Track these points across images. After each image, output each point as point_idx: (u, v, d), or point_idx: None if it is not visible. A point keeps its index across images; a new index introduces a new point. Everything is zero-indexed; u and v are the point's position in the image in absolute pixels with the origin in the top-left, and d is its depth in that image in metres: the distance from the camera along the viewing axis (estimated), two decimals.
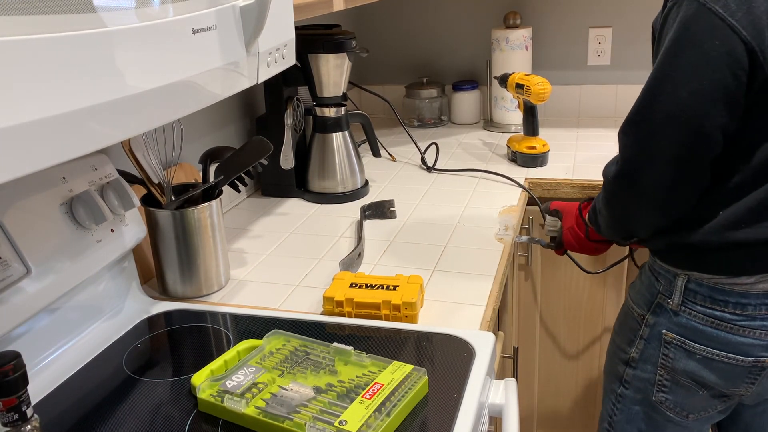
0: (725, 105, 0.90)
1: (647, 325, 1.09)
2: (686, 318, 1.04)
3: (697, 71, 0.90)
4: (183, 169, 1.29)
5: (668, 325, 1.06)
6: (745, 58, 0.88)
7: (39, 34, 0.48)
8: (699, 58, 0.90)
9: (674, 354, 1.06)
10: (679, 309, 1.04)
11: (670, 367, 1.07)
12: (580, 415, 1.80)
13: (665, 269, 1.06)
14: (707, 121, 0.91)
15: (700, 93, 0.90)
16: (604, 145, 1.85)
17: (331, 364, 0.83)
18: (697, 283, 1.02)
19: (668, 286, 1.06)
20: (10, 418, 0.63)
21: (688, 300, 1.03)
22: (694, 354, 1.04)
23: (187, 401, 0.82)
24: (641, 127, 0.97)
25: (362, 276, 1.05)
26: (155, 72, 0.62)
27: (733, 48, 0.88)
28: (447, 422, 0.76)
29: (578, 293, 1.67)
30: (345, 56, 1.47)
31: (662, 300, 1.07)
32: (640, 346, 1.11)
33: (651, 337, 1.09)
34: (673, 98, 0.92)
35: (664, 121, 0.93)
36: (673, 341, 1.06)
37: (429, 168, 1.72)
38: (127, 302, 1.04)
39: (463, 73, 2.25)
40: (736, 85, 0.90)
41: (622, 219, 1.08)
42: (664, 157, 0.95)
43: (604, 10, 2.06)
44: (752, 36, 0.88)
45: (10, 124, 0.47)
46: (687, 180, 0.97)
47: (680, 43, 0.92)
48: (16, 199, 0.84)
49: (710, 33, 0.89)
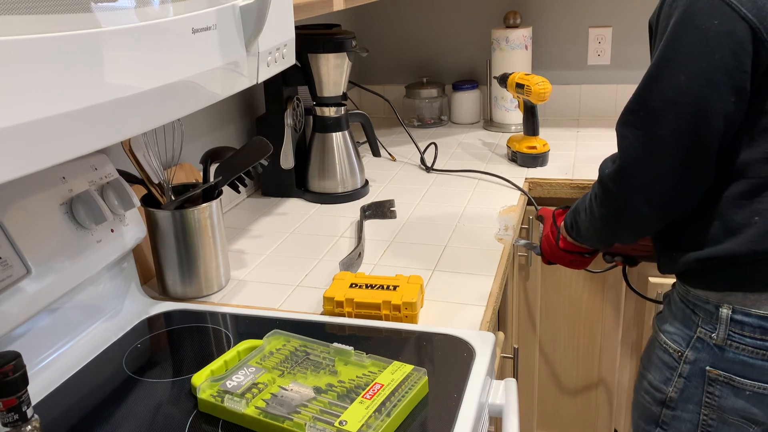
0: (727, 88, 0.85)
1: (687, 362, 0.99)
2: (733, 353, 0.94)
3: (696, 53, 0.85)
4: (183, 169, 1.29)
5: (712, 361, 0.96)
6: (747, 37, 0.83)
7: (39, 34, 0.48)
8: (698, 40, 0.85)
9: (720, 392, 0.97)
10: (724, 343, 0.94)
11: (717, 406, 0.98)
12: (580, 415, 1.80)
13: (702, 299, 0.96)
14: (708, 106, 0.86)
15: (699, 76, 0.85)
16: (604, 145, 1.85)
17: (331, 364, 0.83)
18: (744, 314, 0.92)
19: (709, 319, 0.95)
20: (10, 419, 0.63)
21: (735, 333, 0.93)
22: (743, 390, 0.95)
23: (187, 401, 0.82)
24: (640, 116, 0.91)
25: (362, 276, 1.05)
26: (155, 72, 0.62)
27: (734, 27, 0.83)
28: (447, 422, 0.76)
29: (578, 293, 1.67)
30: (345, 56, 1.47)
31: (703, 335, 0.96)
32: (679, 385, 1.00)
33: (692, 375, 0.98)
34: (672, 83, 0.87)
35: (664, 108, 0.88)
36: (718, 378, 0.96)
37: (428, 168, 1.72)
38: (127, 302, 1.04)
39: (463, 73, 2.25)
40: (738, 67, 0.84)
41: (613, 218, 1.00)
42: (666, 147, 0.89)
43: (604, 10, 2.06)
44: (754, 14, 0.83)
45: (10, 124, 0.47)
46: (690, 173, 0.90)
47: (679, 27, 0.87)
48: (16, 199, 0.84)
49: (709, 13, 0.85)
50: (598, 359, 1.72)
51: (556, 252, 1.20)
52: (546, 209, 1.28)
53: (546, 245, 1.22)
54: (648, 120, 0.90)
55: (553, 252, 1.20)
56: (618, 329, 1.68)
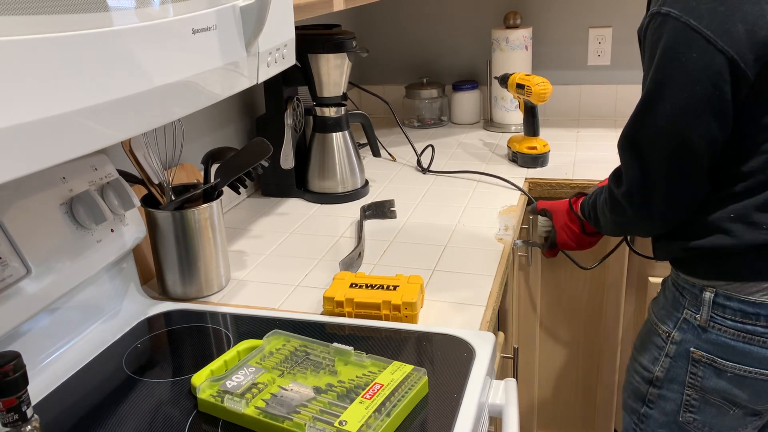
0: (711, 116, 0.91)
1: (673, 342, 1.05)
2: (716, 334, 0.99)
3: (679, 86, 0.92)
4: (185, 170, 1.30)
5: (696, 342, 1.02)
6: (725, 68, 0.89)
7: (39, 34, 0.48)
8: (680, 73, 0.92)
9: (703, 372, 1.02)
10: (707, 325, 1.00)
11: (699, 387, 1.03)
12: (580, 415, 1.80)
13: (690, 283, 1.03)
14: (693, 134, 0.93)
15: (683, 107, 0.92)
16: (604, 145, 1.85)
17: (331, 364, 0.83)
18: (726, 297, 0.98)
19: (694, 301, 1.02)
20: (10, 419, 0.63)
21: (717, 315, 0.99)
22: (724, 372, 1.00)
23: (187, 401, 0.82)
24: (633, 143, 0.99)
25: (362, 276, 1.05)
26: (155, 72, 0.62)
27: (712, 60, 0.89)
28: (447, 422, 0.76)
29: (578, 293, 1.67)
30: (345, 56, 1.47)
31: (689, 316, 1.03)
32: (665, 365, 1.06)
33: (677, 355, 1.05)
34: (660, 113, 0.94)
35: (654, 136, 0.96)
36: (702, 359, 1.01)
37: (424, 170, 1.71)
38: (127, 302, 1.04)
39: (463, 73, 2.25)
40: (719, 96, 0.90)
41: (624, 225, 1.10)
42: (660, 169, 0.97)
43: (604, 10, 2.06)
44: (729, 45, 0.88)
45: (10, 124, 0.47)
46: (684, 192, 0.98)
47: (663, 59, 0.93)
48: (16, 199, 0.84)
49: (689, 46, 0.90)
50: (598, 359, 1.72)
51: (581, 238, 1.26)
52: (545, 202, 1.33)
53: (566, 235, 1.27)
54: (642, 146, 0.98)
55: (577, 239, 1.26)
56: (618, 329, 1.68)
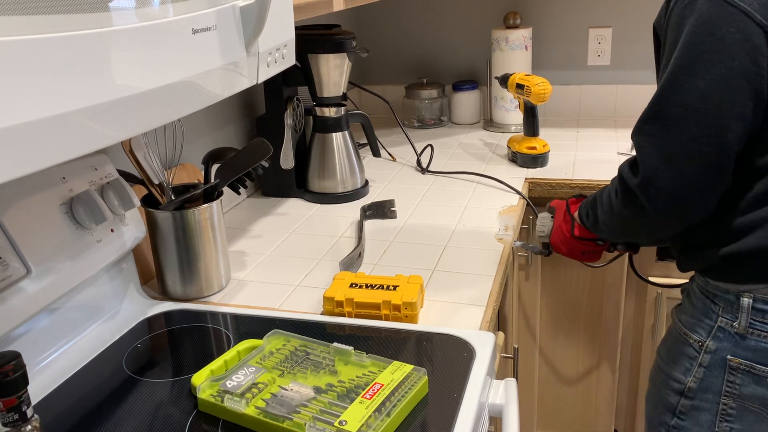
0: (746, 92, 0.87)
1: (707, 351, 1.00)
2: (755, 340, 0.96)
3: (714, 60, 0.87)
4: (186, 170, 1.30)
5: (734, 350, 0.98)
6: (763, 42, 0.85)
7: (39, 34, 0.48)
8: (715, 47, 0.87)
9: (741, 380, 0.99)
10: (746, 331, 0.96)
11: (737, 395, 1.00)
12: (580, 415, 1.80)
13: (722, 290, 0.98)
14: (728, 110, 0.87)
15: (718, 81, 0.87)
16: (604, 145, 1.85)
17: (331, 364, 0.83)
18: (765, 302, 0.94)
19: (730, 308, 0.97)
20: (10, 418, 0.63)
21: (757, 321, 0.95)
22: (764, 378, 0.97)
23: (187, 401, 0.82)
24: (657, 124, 0.92)
25: (362, 276, 1.05)
26: (155, 72, 0.62)
27: (750, 34, 0.85)
28: (447, 422, 0.76)
29: (578, 293, 1.67)
30: (345, 56, 1.47)
31: (724, 324, 0.98)
32: (698, 375, 1.02)
33: (712, 365, 1.00)
34: (690, 90, 0.89)
35: (683, 114, 0.89)
36: (740, 366, 0.98)
37: (423, 170, 1.71)
38: (127, 302, 1.04)
39: (463, 73, 2.25)
40: (757, 72, 0.86)
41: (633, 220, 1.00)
42: (685, 153, 0.90)
43: (604, 10, 2.06)
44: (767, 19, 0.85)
45: (10, 124, 0.47)
46: (710, 178, 0.91)
47: (694, 36, 0.89)
48: (16, 199, 0.84)
49: (724, 21, 0.86)
50: (598, 359, 1.72)
51: (569, 241, 1.20)
52: (558, 201, 1.28)
53: (558, 236, 1.22)
54: (666, 128, 0.91)
55: (566, 242, 1.21)
56: (618, 329, 1.68)
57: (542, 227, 1.29)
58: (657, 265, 1.57)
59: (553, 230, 1.25)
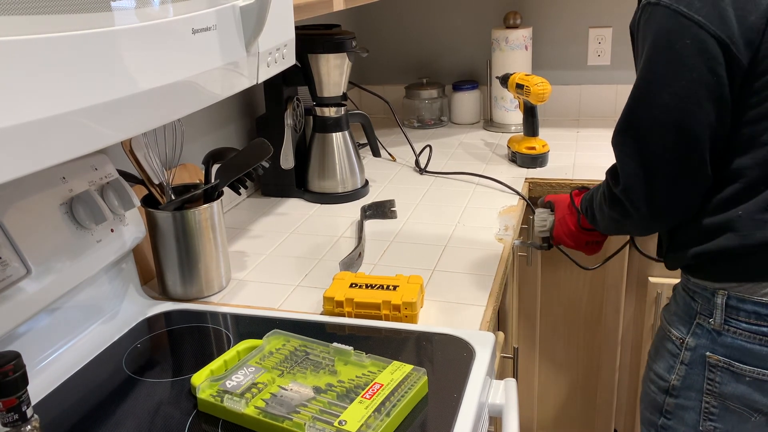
0: (710, 103, 0.89)
1: (687, 348, 1.02)
2: (731, 337, 0.97)
3: (674, 73, 0.90)
4: (187, 170, 1.30)
5: (712, 347, 0.99)
6: (718, 52, 0.87)
7: (38, 35, 0.48)
8: (674, 60, 0.90)
9: (721, 378, 0.99)
10: (722, 328, 0.97)
11: (718, 393, 1.00)
12: (580, 416, 1.80)
13: (701, 287, 1.00)
14: (693, 121, 0.90)
15: (681, 94, 0.90)
16: (604, 145, 1.85)
17: (331, 364, 0.83)
18: (739, 299, 0.96)
19: (707, 305, 0.99)
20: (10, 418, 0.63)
21: (731, 318, 0.96)
22: (742, 376, 0.97)
23: (187, 401, 0.82)
24: (629, 136, 0.96)
25: (362, 276, 1.05)
26: (155, 72, 0.62)
27: (705, 44, 0.87)
28: (447, 422, 0.76)
29: (578, 293, 1.67)
30: (345, 56, 1.47)
31: (702, 320, 1.00)
32: (681, 372, 1.03)
33: (693, 362, 1.01)
34: (656, 103, 0.92)
35: (651, 127, 0.93)
36: (718, 364, 0.99)
37: (421, 170, 1.71)
38: (127, 302, 1.04)
39: (463, 73, 2.26)
40: (717, 81, 0.88)
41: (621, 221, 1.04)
42: (658, 163, 0.94)
43: (604, 10, 2.06)
44: (720, 29, 0.87)
45: (10, 124, 0.47)
46: (685, 184, 0.94)
47: (655, 50, 0.92)
48: (16, 199, 0.84)
49: (680, 33, 0.89)
50: (598, 359, 1.72)
51: (574, 233, 1.22)
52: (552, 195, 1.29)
53: (562, 228, 1.24)
54: (637, 139, 0.96)
55: (570, 234, 1.23)
56: (618, 329, 1.68)
57: (542, 222, 1.29)
58: (657, 264, 1.57)
59: (555, 224, 1.26)
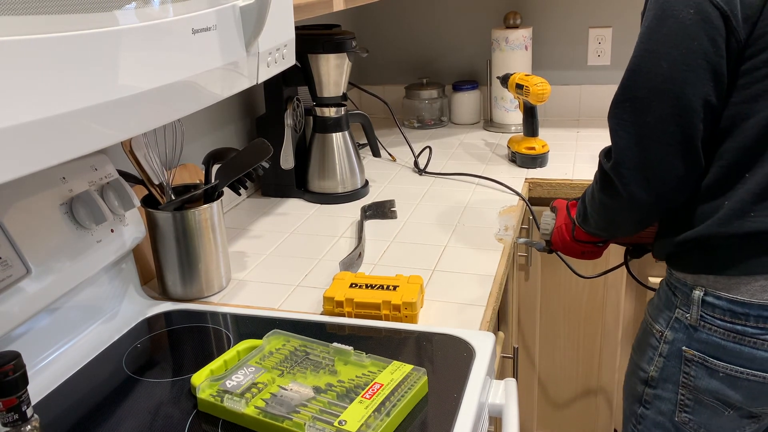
0: (707, 73, 0.89)
1: (666, 341, 1.03)
2: (706, 333, 0.98)
3: (675, 41, 0.90)
4: (187, 170, 1.30)
5: (688, 342, 1.00)
6: (720, 23, 0.88)
7: (38, 35, 0.48)
8: (676, 29, 0.90)
9: (696, 372, 1.00)
10: (698, 324, 0.98)
11: (692, 386, 1.01)
12: (580, 416, 1.80)
13: (681, 282, 1.01)
14: (689, 90, 0.90)
15: (680, 62, 0.90)
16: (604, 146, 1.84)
17: (331, 364, 0.83)
18: (715, 296, 0.96)
19: (685, 300, 1.00)
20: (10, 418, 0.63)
21: (707, 314, 0.97)
22: (716, 372, 0.98)
23: (187, 401, 0.82)
24: (627, 107, 0.94)
25: (362, 276, 1.05)
26: (155, 72, 0.62)
27: (708, 15, 0.88)
28: (447, 422, 0.76)
29: (578, 293, 1.67)
30: (345, 56, 1.47)
31: (680, 315, 1.01)
32: (659, 365, 1.05)
33: (670, 355, 1.03)
34: (654, 72, 0.92)
35: (649, 96, 0.92)
36: (693, 358, 1.00)
37: (420, 171, 1.71)
38: (127, 302, 1.04)
39: (463, 73, 2.26)
40: (716, 52, 0.89)
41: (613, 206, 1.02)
42: (653, 134, 0.92)
43: (604, 10, 2.07)
44: (725, 2, 0.88)
45: (10, 124, 0.47)
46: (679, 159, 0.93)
47: (657, 19, 0.92)
48: (16, 199, 0.84)
49: (684, 3, 0.90)
50: (598, 359, 1.72)
51: (568, 243, 1.22)
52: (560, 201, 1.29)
53: (558, 237, 1.24)
54: (635, 110, 0.94)
55: (565, 244, 1.23)
56: (618, 329, 1.68)
57: (546, 225, 1.29)
58: (657, 265, 1.57)
59: (554, 230, 1.26)
